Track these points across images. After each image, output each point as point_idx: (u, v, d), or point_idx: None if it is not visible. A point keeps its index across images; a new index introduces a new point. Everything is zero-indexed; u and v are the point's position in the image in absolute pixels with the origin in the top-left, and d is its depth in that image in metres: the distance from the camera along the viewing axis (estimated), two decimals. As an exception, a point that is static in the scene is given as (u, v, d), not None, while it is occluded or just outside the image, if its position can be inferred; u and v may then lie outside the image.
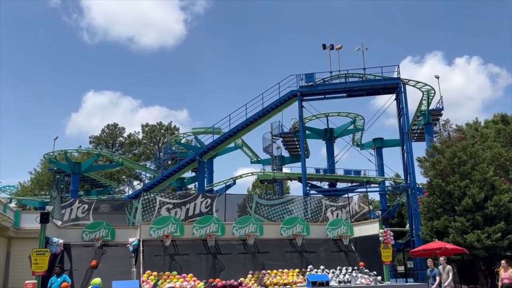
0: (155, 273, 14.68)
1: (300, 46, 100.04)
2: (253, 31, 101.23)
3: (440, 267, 14.78)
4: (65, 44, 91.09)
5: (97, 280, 13.39)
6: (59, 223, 17.25)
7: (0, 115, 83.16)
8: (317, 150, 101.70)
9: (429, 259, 15.54)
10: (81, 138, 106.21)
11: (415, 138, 35.31)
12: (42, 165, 49.50)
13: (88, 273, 14.74)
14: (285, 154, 38.91)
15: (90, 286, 13.21)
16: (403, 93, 28.60)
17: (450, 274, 14.39)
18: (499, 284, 14.03)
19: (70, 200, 18.78)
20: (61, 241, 15.17)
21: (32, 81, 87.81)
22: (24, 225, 19.67)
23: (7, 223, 17.51)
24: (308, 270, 16.53)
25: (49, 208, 14.47)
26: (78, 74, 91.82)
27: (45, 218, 13.62)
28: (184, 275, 14.93)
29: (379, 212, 23.47)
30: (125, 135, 61.16)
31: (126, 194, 40.38)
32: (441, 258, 15.23)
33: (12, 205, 27.07)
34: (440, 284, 14.36)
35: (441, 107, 32.77)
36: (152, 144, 61.14)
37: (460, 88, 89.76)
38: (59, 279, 12.89)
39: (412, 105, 32.60)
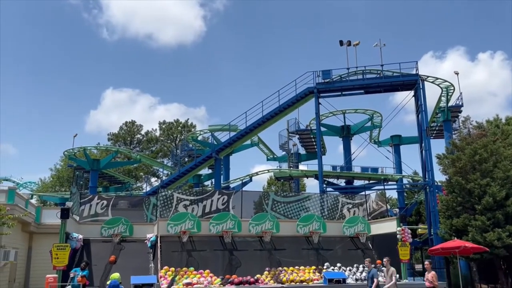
0: (173, 268, 14.82)
1: (318, 43, 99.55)
2: (272, 28, 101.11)
3: (384, 269, 13.33)
4: (84, 41, 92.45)
5: (115, 275, 13.59)
6: (77, 218, 17.53)
7: (21, 111, 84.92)
8: (334, 147, 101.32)
9: (366, 259, 13.87)
10: (100, 135, 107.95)
11: (433, 135, 34.83)
12: (62, 161, 50.35)
13: (107, 268, 14.96)
14: (302, 151, 38.82)
15: (109, 281, 13.40)
16: (421, 90, 28.25)
17: (394, 278, 12.65)
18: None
19: (89, 196, 19.07)
20: (80, 236, 15.42)
21: (52, 78, 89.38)
22: (45, 220, 20.09)
23: (29, 218, 17.90)
24: (324, 267, 16.50)
25: (69, 204, 14.73)
26: (97, 71, 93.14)
27: (65, 214, 13.89)
28: (201, 271, 15.04)
29: (397, 210, 23.25)
30: (142, 132, 61.87)
31: (144, 191, 40.82)
32: (384, 259, 13.65)
33: (33, 201, 27.62)
34: (377, 286, 12.64)
35: (460, 103, 32.28)
36: (169, 141, 61.66)
37: (483, 84, 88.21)
38: (82, 273, 13.18)
39: (431, 102, 32.18)
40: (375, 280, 12.63)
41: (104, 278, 14.51)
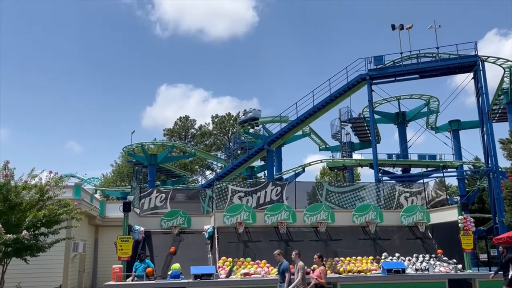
0: (230, 259, 15.14)
1: (369, 29, 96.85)
2: (323, 16, 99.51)
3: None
4: (139, 39, 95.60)
5: (176, 266, 14.12)
6: (138, 211, 18.31)
7: (83, 110, 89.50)
8: (388, 135, 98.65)
9: (275, 251, 11.83)
10: (156, 130, 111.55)
11: (496, 118, 33.10)
12: (121, 157, 52.66)
13: (168, 259, 15.52)
14: (355, 140, 38.16)
15: (170, 271, 13.94)
16: (481, 71, 26.93)
17: (300, 273, 10.73)
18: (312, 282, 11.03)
19: (148, 190, 19.81)
20: (142, 228, 16.09)
21: (110, 76, 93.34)
22: (109, 214, 21.20)
23: (94, 212, 18.98)
24: (382, 257, 16.21)
25: (130, 198, 15.40)
26: (152, 68, 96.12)
27: (127, 207, 14.52)
28: (258, 261, 15.25)
29: (458, 197, 22.29)
30: (196, 126, 63.39)
31: (200, 184, 41.84)
32: (293, 253, 11.49)
33: (97, 195, 29.18)
34: (289, 283, 10.77)
35: (526, 83, 30.35)
36: (222, 135, 62.76)
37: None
38: (143, 264, 13.79)
39: (493, 83, 30.55)
40: (287, 275, 10.95)
41: (165, 268, 15.07)
